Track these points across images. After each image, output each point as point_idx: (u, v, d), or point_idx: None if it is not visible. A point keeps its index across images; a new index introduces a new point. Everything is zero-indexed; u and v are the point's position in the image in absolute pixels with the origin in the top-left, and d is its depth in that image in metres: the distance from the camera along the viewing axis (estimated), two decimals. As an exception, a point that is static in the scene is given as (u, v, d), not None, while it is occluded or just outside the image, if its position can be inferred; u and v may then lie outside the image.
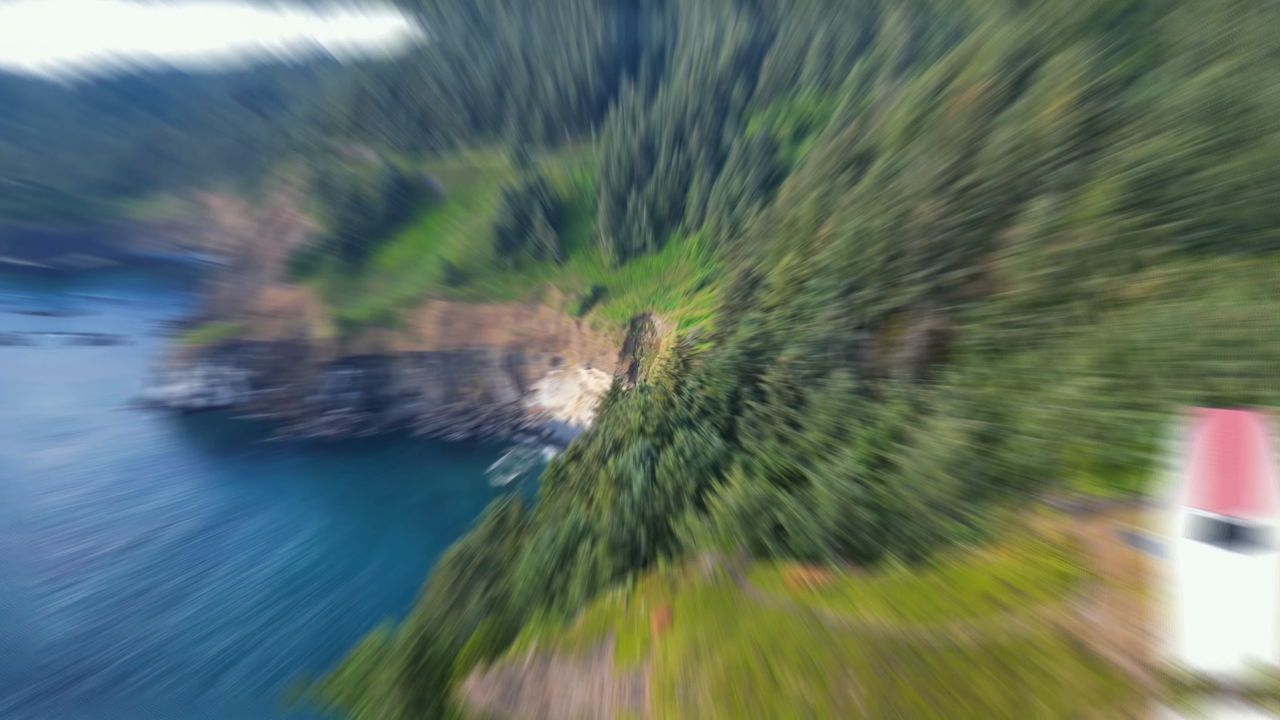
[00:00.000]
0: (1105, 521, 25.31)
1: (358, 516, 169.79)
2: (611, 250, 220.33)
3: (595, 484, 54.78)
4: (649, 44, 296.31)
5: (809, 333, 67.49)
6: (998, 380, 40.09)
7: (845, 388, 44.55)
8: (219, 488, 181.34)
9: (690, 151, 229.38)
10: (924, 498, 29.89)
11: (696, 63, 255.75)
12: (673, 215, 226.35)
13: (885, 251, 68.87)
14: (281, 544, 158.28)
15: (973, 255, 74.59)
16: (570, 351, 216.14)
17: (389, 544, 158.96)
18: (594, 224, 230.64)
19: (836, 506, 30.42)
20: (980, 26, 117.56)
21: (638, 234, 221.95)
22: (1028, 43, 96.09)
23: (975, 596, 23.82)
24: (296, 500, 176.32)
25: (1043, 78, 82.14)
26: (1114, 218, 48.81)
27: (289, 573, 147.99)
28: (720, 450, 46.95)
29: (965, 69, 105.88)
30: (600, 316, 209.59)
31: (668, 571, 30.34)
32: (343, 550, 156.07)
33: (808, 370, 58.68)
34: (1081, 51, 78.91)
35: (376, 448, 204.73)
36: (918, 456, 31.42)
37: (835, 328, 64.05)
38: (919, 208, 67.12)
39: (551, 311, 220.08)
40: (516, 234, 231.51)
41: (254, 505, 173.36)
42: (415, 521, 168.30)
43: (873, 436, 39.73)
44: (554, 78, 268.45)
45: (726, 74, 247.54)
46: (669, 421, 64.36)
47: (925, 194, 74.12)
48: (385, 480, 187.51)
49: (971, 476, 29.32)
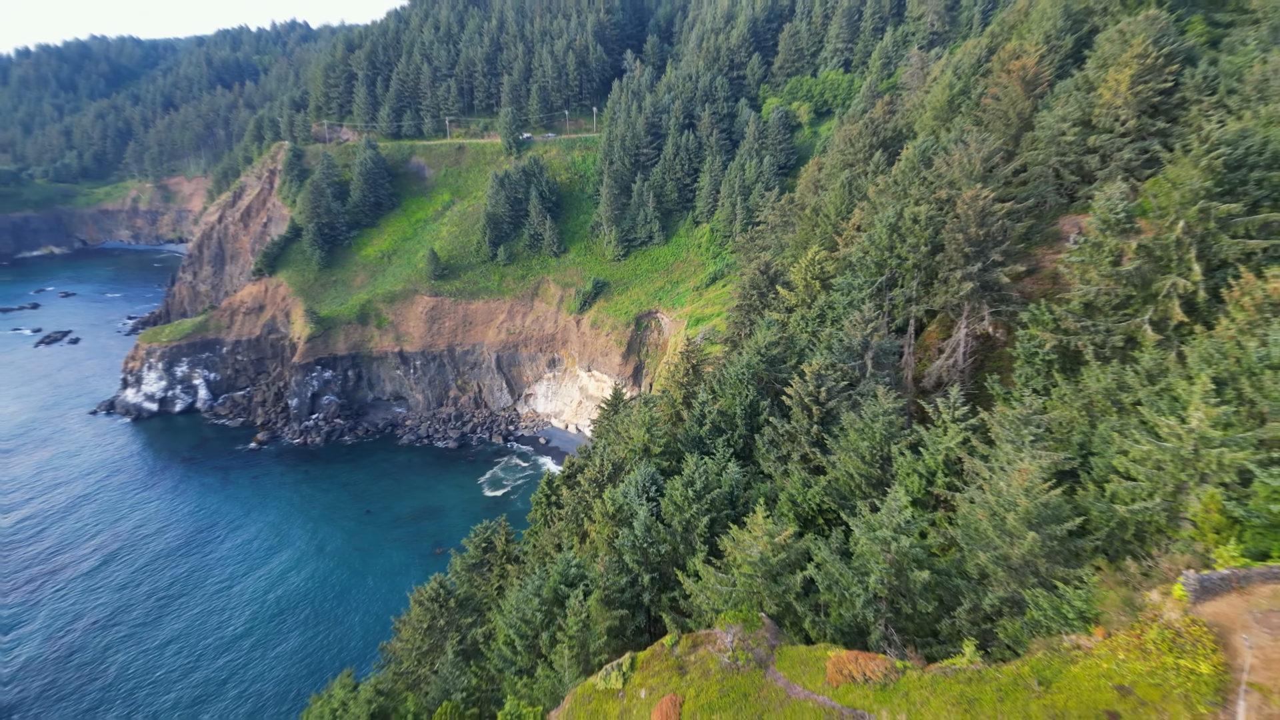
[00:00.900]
0: (1251, 602, 20.53)
1: (335, 535, 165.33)
2: (614, 241, 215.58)
3: (591, 514, 50.04)
4: (656, 16, 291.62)
5: (838, 337, 62.65)
6: (1075, 400, 35.13)
7: (887, 407, 39.63)
8: (186, 503, 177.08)
9: (701, 133, 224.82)
10: (999, 557, 24.95)
11: (708, 36, 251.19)
12: (681, 203, 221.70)
13: (926, 244, 63.93)
14: (250, 568, 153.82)
15: (1029, 247, 69.66)
16: (569, 352, 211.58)
17: (368, 566, 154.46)
18: (595, 213, 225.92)
19: (885, 564, 25.59)
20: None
21: (643, 224, 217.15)
22: (1083, 7, 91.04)
23: (1084, 708, 19.05)
24: (269, 517, 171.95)
25: (1103, 45, 77.06)
26: (1209, 203, 43.76)
27: (256, 601, 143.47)
28: (737, 480, 42.13)
29: (1012, 38, 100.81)
30: (602, 314, 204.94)
31: (674, 647, 25.79)
32: (317, 575, 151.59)
33: (837, 381, 53.82)
34: (1150, 15, 73.78)
35: (357, 457, 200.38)
36: (987, 501, 26.55)
37: (868, 332, 59.15)
38: (965, 193, 62.13)
39: (549, 308, 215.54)
40: (511, 223, 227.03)
41: (223, 524, 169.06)
42: (398, 540, 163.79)
43: (924, 468, 34.75)
44: (552, 53, 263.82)
45: (741, 49, 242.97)
46: (677, 439, 59.59)
47: (972, 178, 69.13)
48: (366, 493, 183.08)
49: (1062, 533, 24.46)
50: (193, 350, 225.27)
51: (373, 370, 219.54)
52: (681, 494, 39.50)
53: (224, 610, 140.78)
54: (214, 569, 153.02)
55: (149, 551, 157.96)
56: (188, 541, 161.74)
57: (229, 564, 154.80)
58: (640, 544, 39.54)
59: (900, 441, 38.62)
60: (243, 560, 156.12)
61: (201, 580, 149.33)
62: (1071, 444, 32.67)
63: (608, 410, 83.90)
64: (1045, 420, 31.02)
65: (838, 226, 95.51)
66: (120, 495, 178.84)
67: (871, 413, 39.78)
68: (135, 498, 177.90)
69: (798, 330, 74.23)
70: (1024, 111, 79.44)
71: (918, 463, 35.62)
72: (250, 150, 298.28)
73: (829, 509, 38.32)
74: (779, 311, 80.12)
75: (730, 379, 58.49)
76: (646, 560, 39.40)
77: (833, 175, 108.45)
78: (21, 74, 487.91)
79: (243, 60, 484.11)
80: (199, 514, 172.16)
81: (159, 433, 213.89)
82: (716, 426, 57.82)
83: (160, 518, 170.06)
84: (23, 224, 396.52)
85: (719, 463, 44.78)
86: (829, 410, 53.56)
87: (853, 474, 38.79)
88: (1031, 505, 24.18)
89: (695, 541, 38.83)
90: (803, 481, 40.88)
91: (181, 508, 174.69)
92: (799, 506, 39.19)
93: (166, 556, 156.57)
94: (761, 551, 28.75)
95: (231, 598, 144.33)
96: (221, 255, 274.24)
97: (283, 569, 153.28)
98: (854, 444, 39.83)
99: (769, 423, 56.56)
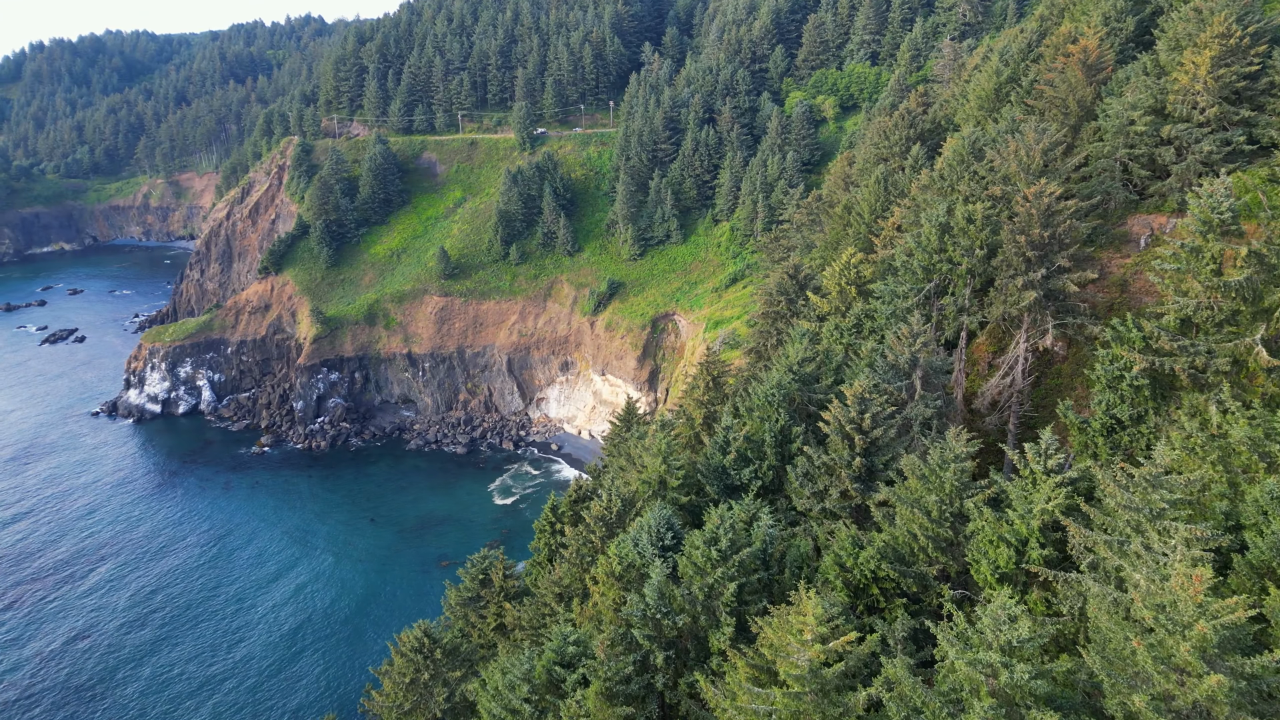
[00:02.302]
0: None
1: (335, 546, 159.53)
2: (630, 240, 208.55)
3: (595, 565, 43.12)
4: (675, 7, 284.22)
5: (881, 353, 55.42)
6: (1208, 451, 27.71)
7: (959, 452, 32.34)
8: (179, 510, 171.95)
9: (721, 128, 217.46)
10: (1159, 698, 17.49)
11: (729, 28, 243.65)
12: (700, 201, 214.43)
13: (982, 246, 56.53)
14: (240, 583, 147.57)
15: (1094, 251, 62.13)
16: (582, 355, 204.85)
17: (368, 580, 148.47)
18: (611, 211, 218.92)
19: (990, 702, 18.44)
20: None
21: (660, 222, 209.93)
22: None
23: None
24: (265, 527, 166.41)
25: (1176, 25, 69.24)
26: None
27: (248, 623, 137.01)
28: (771, 535, 35.07)
29: (1064, 21, 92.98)
30: (617, 316, 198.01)
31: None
32: (310, 590, 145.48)
33: (883, 406, 46.64)
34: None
35: (362, 462, 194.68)
36: (1132, 609, 19.23)
37: (917, 347, 51.87)
38: (1026, 190, 54.78)
39: (562, 309, 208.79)
40: (523, 221, 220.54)
41: (216, 533, 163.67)
42: (402, 552, 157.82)
43: (1014, 535, 27.44)
44: (568, 45, 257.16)
45: (763, 40, 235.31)
46: (697, 470, 52.53)
47: (1031, 172, 61.62)
48: (371, 501, 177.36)
49: (1255, 670, 17.01)
50: (196, 350, 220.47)
51: (380, 372, 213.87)
52: (703, 554, 32.53)
53: (209, 626, 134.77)
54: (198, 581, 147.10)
55: (135, 562, 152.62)
56: (171, 550, 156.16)
57: (214, 576, 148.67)
58: (652, 614, 32.62)
59: (975, 494, 31.49)
60: (230, 573, 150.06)
61: (184, 594, 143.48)
62: (1215, 514, 25.30)
63: (620, 426, 76.86)
64: (1180, 482, 23.76)
65: (873, 226, 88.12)
66: (115, 502, 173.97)
67: (939, 458, 32.56)
68: (128, 505, 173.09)
69: (831, 341, 67.02)
70: (1085, 99, 71.76)
71: (1003, 526, 28.44)
72: (259, 145, 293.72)
73: (887, 578, 31.25)
74: (809, 319, 72.89)
75: (758, 400, 51.42)
76: (660, 634, 32.48)
77: (866, 170, 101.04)
78: (35, 68, 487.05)
79: (256, 55, 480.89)
80: (191, 521, 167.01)
81: (161, 435, 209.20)
82: (742, 455, 50.76)
83: (151, 526, 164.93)
84: (33, 219, 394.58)
85: (747, 510, 37.70)
86: (874, 440, 46.47)
87: (916, 534, 31.67)
88: (1211, 630, 17.08)
89: (720, 613, 31.85)
90: (852, 540, 33.72)
91: (173, 515, 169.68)
92: (848, 573, 32.11)
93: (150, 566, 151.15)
94: (811, 660, 21.85)
95: (217, 614, 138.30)
96: (229, 253, 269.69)
97: (274, 583, 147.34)
98: (916, 495, 32.67)
99: (803, 452, 49.50)
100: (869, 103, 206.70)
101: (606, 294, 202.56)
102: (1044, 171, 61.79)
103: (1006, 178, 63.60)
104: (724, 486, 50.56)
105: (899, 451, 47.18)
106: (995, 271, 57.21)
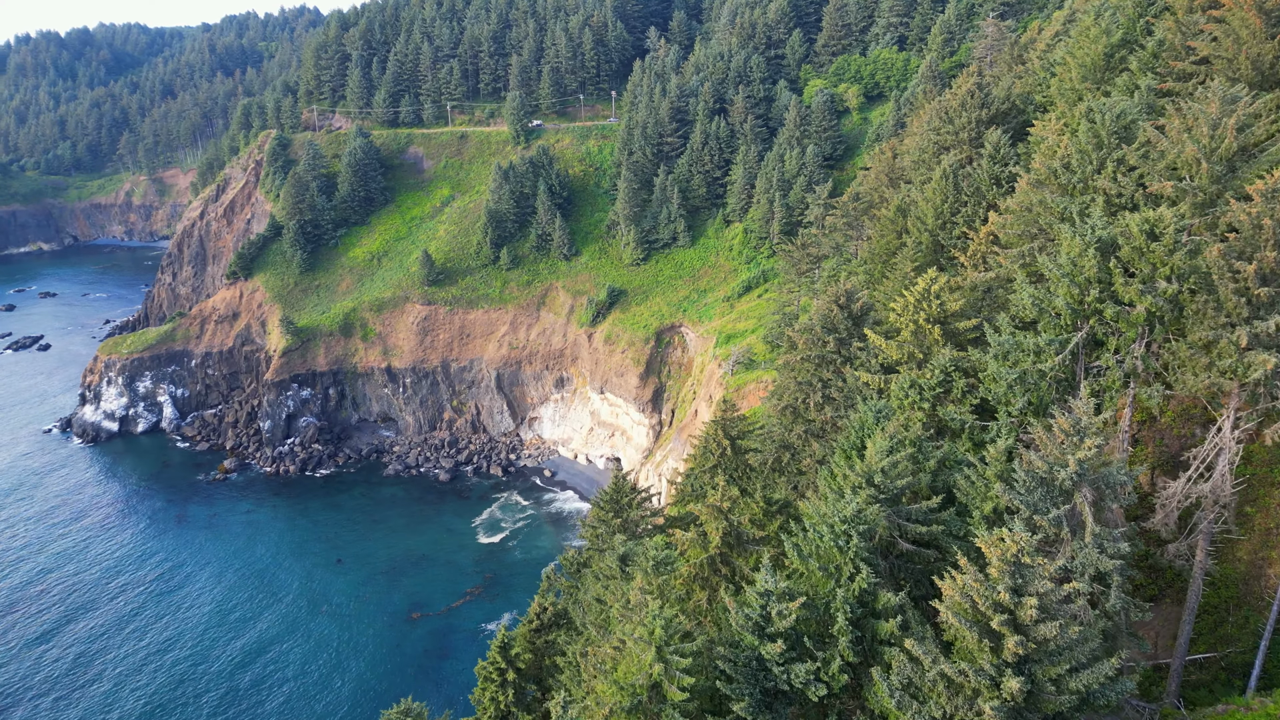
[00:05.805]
0: None
1: (291, 592, 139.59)
2: (633, 243, 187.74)
3: None
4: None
5: (1016, 454, 34.87)
6: None
7: None
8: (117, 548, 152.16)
9: (733, 120, 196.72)
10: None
11: (742, 11, 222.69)
12: (710, 200, 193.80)
13: (1174, 277, 35.43)
14: (175, 633, 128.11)
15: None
16: (579, 371, 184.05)
17: (325, 635, 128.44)
18: (612, 210, 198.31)
19: None
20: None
21: (666, 223, 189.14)
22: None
23: None
24: (216, 567, 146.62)
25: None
26: None
27: (162, 679, 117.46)
28: None
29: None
30: (617, 327, 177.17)
31: None
32: (254, 646, 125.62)
33: (1051, 579, 26.07)
34: None
35: (334, 490, 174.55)
36: None
37: (1084, 449, 30.83)
38: (1251, 187, 34.03)
39: (557, 320, 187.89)
40: (515, 222, 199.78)
41: (156, 575, 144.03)
42: (368, 600, 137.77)
43: None
44: (566, 30, 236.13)
45: (780, 24, 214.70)
46: (716, 667, 31.38)
47: (1220, 158, 40.42)
48: (340, 537, 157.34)
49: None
50: (157, 363, 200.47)
51: (357, 388, 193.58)
52: None
53: (118, 691, 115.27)
54: (125, 632, 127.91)
55: (51, 611, 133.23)
56: (99, 597, 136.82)
57: (145, 627, 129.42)
58: None
59: None
60: (166, 623, 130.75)
61: (100, 652, 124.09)
62: None
63: (604, 511, 55.52)
64: None
65: (940, 235, 67.01)
66: (50, 540, 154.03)
67: None
68: (68, 544, 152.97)
69: (904, 405, 46.10)
70: (1262, 58, 50.64)
71: None
72: (237, 139, 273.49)
73: None
74: (870, 369, 51.82)
75: (821, 547, 30.61)
76: None
77: (922, 163, 79.81)
78: (19, 61, 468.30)
79: (247, 46, 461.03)
80: (131, 561, 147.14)
81: (117, 457, 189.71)
82: (794, 637, 29.84)
83: (82, 566, 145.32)
84: (9, 219, 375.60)
85: None
86: (1041, 643, 25.96)
87: None
88: None
89: None
90: None
91: (113, 552, 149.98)
92: None
93: (69, 615, 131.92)
94: None
95: (134, 674, 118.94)
96: (203, 254, 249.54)
97: (214, 635, 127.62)
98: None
99: (901, 644, 28.79)
100: (897, 91, 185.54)
101: (606, 303, 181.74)
102: (1240, 157, 40.67)
103: (1174, 167, 42.45)
104: (761, 693, 29.56)
105: (1079, 660, 26.53)
106: (1188, 320, 36.17)
